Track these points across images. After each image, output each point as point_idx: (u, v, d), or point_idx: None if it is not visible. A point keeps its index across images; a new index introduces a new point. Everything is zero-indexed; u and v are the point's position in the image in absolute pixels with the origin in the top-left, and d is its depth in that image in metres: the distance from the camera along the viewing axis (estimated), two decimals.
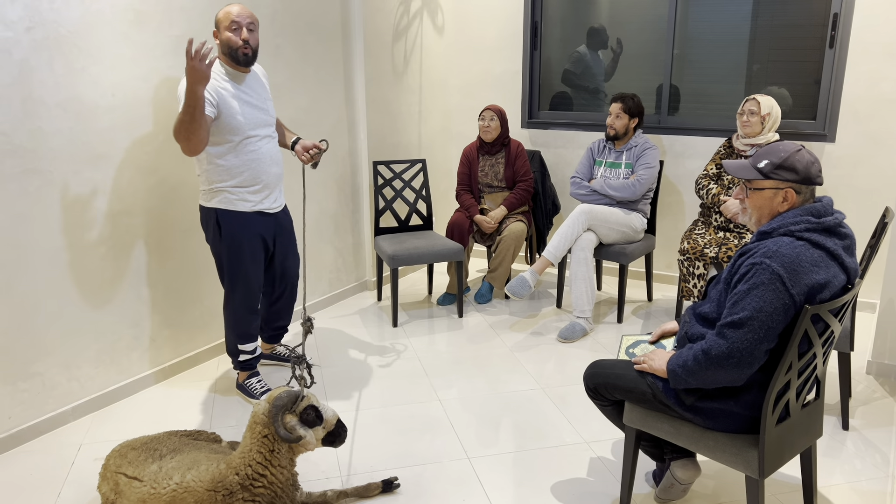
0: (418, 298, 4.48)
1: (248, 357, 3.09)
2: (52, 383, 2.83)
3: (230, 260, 2.92)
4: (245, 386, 3.12)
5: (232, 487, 2.02)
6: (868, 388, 3.19)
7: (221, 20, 2.77)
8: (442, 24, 5.01)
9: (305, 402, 2.14)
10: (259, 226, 2.94)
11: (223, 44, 2.78)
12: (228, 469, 2.05)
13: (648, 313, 4.16)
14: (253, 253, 2.94)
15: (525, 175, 4.27)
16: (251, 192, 2.88)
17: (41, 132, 2.65)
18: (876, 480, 2.48)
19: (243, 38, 2.76)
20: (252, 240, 2.92)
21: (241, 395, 3.15)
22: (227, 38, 2.76)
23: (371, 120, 4.36)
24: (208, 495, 2.01)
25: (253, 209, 2.90)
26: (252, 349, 3.09)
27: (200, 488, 2.02)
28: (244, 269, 2.94)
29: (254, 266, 2.96)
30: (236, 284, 2.95)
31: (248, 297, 2.99)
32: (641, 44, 4.58)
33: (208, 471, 2.06)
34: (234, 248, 2.90)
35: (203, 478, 2.04)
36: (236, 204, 2.87)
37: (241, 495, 2.03)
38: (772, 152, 1.93)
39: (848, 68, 3.92)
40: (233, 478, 2.03)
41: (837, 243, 1.87)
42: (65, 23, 2.68)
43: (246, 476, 2.04)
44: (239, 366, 3.10)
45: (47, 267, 2.74)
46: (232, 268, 2.93)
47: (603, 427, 2.86)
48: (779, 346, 1.85)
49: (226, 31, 2.75)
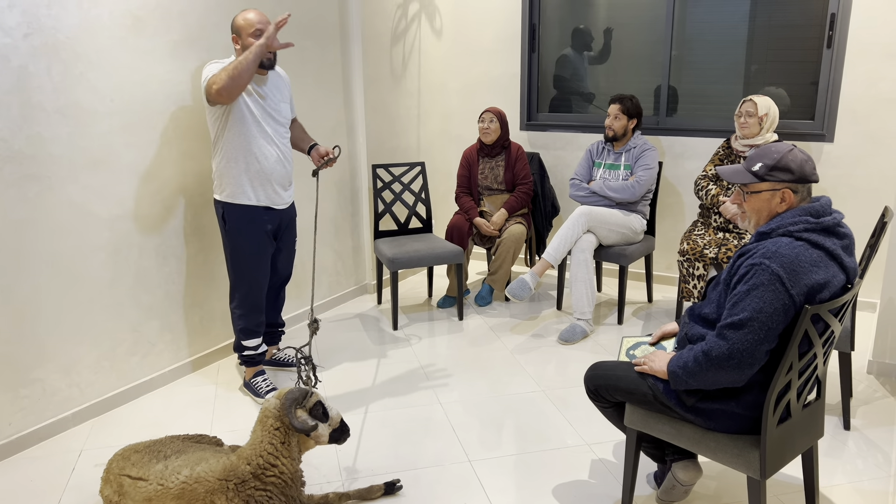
0: (418, 301, 4.47)
1: (252, 353, 3.14)
2: (53, 389, 2.82)
3: (235, 253, 2.99)
4: (251, 385, 3.15)
5: (244, 476, 2.07)
6: (869, 387, 3.19)
7: (243, 27, 2.82)
8: (440, 27, 5.01)
9: (314, 399, 2.21)
10: (265, 221, 3.01)
11: (245, 49, 2.84)
12: (240, 460, 2.10)
13: (649, 314, 4.16)
14: (258, 248, 3.01)
15: (525, 178, 4.27)
16: (257, 187, 2.95)
17: (40, 138, 2.66)
18: (878, 480, 2.48)
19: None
20: (257, 234, 2.99)
21: (246, 393, 3.18)
22: (251, 44, 2.81)
23: (370, 123, 4.37)
24: (220, 484, 2.05)
25: (259, 204, 2.97)
26: (255, 346, 3.13)
27: (212, 478, 2.06)
28: (248, 264, 3.00)
29: (258, 262, 3.01)
30: (240, 279, 3.02)
31: (251, 293, 3.04)
32: (639, 45, 4.58)
33: (219, 462, 2.11)
34: (239, 242, 2.98)
35: (214, 468, 2.08)
36: (240, 197, 2.94)
37: (253, 484, 2.07)
38: (765, 154, 1.94)
39: (846, 68, 3.92)
40: (244, 468, 2.08)
41: (836, 243, 1.87)
42: (63, 29, 2.68)
43: (258, 466, 2.08)
44: (242, 360, 3.16)
45: (47, 273, 2.74)
46: (236, 262, 3.00)
47: (604, 429, 2.86)
48: (779, 346, 1.85)
49: (249, 38, 2.82)
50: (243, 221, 2.96)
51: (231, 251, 3.00)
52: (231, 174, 2.91)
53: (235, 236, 2.98)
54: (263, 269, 3.04)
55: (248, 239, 2.98)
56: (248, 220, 2.97)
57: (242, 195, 2.93)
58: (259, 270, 3.03)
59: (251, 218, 2.97)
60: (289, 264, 3.29)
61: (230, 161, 2.89)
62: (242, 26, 2.83)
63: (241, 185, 2.92)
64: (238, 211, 2.95)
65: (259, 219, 2.99)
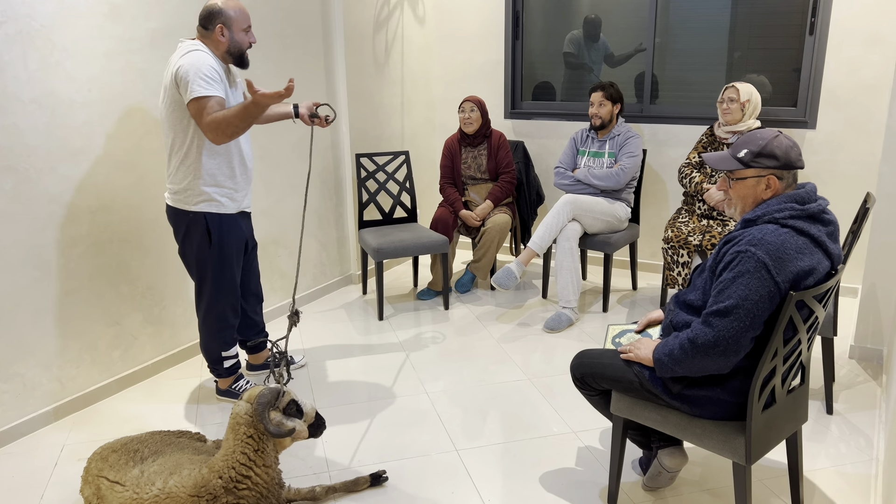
0: (404, 291, 4.46)
1: (233, 361, 3.00)
2: (33, 384, 2.79)
3: (219, 265, 2.79)
4: (233, 390, 3.02)
5: (216, 492, 1.99)
6: (851, 372, 3.22)
7: (237, 20, 2.63)
8: (423, 15, 4.97)
9: (286, 399, 2.15)
10: (243, 227, 2.86)
11: (232, 43, 2.65)
12: (211, 473, 2.01)
13: (633, 302, 4.18)
14: (238, 255, 2.85)
15: (508, 166, 4.25)
16: (238, 191, 2.79)
17: (16, 128, 2.60)
18: (861, 464, 2.50)
19: (251, 42, 2.71)
20: (238, 242, 2.83)
21: (226, 400, 3.06)
22: (240, 39, 2.67)
23: (353, 112, 4.33)
24: (192, 501, 1.98)
25: (237, 210, 2.81)
26: (234, 353, 2.99)
27: (184, 493, 1.98)
28: (231, 273, 2.83)
29: (238, 269, 2.87)
30: (224, 290, 2.83)
31: (235, 301, 2.89)
32: (623, 32, 4.57)
33: (191, 476, 2.02)
34: (225, 253, 2.78)
35: (185, 483, 2.00)
36: (226, 205, 2.74)
37: (226, 499, 2.00)
38: (750, 141, 1.93)
39: (828, 55, 3.94)
40: (216, 482, 2.00)
41: (821, 230, 1.87)
42: (38, 17, 2.62)
43: (230, 479, 2.01)
44: (226, 372, 2.99)
45: (25, 266, 2.70)
46: (219, 273, 2.80)
47: (590, 416, 2.87)
48: (764, 332, 1.86)
49: (240, 32, 2.66)
50: (228, 231, 2.76)
51: (216, 264, 2.77)
52: (213, 179, 2.68)
53: (221, 247, 2.75)
54: (239, 275, 2.90)
55: (232, 248, 2.79)
56: (231, 229, 2.78)
57: (227, 202, 2.74)
58: (237, 278, 2.87)
59: (233, 226, 2.78)
60: (258, 281, 3.13)
61: (213, 165, 2.67)
62: (236, 19, 2.62)
63: (224, 190, 2.72)
64: (223, 220, 2.74)
65: (238, 225, 2.81)
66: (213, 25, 2.63)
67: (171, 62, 2.59)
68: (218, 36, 2.63)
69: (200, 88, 2.51)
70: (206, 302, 2.84)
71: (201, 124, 2.53)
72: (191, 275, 2.85)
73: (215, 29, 2.63)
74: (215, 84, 2.55)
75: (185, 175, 2.66)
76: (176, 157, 2.67)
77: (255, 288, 3.11)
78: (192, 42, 2.62)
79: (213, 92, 2.53)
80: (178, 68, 2.53)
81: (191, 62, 2.52)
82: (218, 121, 2.50)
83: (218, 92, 2.55)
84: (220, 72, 2.61)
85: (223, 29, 2.63)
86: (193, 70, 2.51)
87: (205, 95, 2.51)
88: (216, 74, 2.57)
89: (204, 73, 2.52)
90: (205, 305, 2.85)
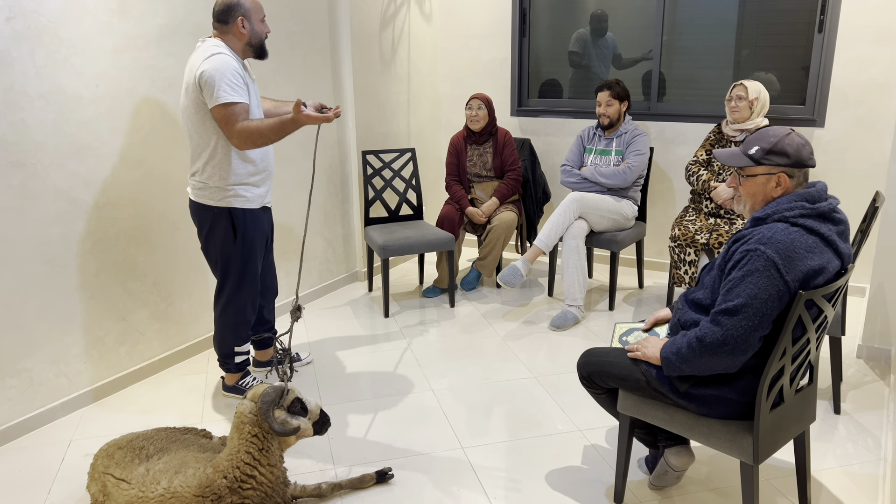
0: (409, 289, 4.46)
1: (244, 357, 3.01)
2: (41, 379, 2.79)
3: (243, 260, 2.80)
4: (240, 387, 3.03)
5: (220, 492, 1.99)
6: (859, 371, 3.21)
7: (254, 10, 2.66)
8: (430, 12, 4.96)
9: (291, 396, 2.13)
10: (265, 221, 2.88)
11: (252, 34, 2.68)
12: (216, 473, 2.01)
13: (640, 300, 4.17)
14: (261, 249, 2.87)
15: (513, 164, 4.25)
16: (261, 186, 2.80)
17: (24, 124, 2.61)
18: (868, 464, 2.49)
19: (267, 32, 2.75)
20: (262, 236, 2.85)
21: (232, 397, 3.06)
22: (260, 30, 2.69)
23: (359, 109, 4.32)
24: (196, 501, 1.97)
25: (261, 205, 2.83)
26: (246, 350, 3.00)
27: (188, 494, 1.98)
28: (254, 268, 2.85)
29: (260, 263, 2.89)
30: (246, 285, 2.84)
31: (255, 297, 2.91)
32: (630, 30, 4.56)
33: (195, 475, 2.01)
34: (248, 248, 2.80)
35: (190, 483, 1.99)
36: (251, 201, 2.76)
37: (230, 499, 1.99)
38: (762, 138, 1.92)
39: (837, 53, 3.91)
40: (221, 482, 1.99)
41: (832, 229, 1.86)
42: (45, 12, 2.63)
43: (234, 479, 2.00)
44: (235, 368, 2.99)
45: (33, 261, 2.70)
46: (243, 268, 2.81)
47: (596, 415, 2.86)
48: (773, 331, 1.85)
49: (259, 22, 2.69)
50: (253, 226, 2.78)
51: (239, 259, 2.78)
52: (241, 175, 2.70)
53: (245, 242, 2.77)
54: (259, 270, 2.92)
55: (256, 243, 2.81)
56: (256, 224, 2.80)
57: (253, 197, 2.75)
58: (258, 274, 2.90)
59: (258, 220, 2.81)
60: (274, 274, 3.14)
61: (243, 161, 2.69)
62: (252, 9, 2.65)
63: (250, 186, 2.74)
64: (248, 216, 2.76)
65: (262, 220, 2.84)
66: (232, 19, 2.64)
67: (193, 64, 2.60)
68: (239, 28, 2.65)
69: (226, 95, 2.54)
70: (226, 296, 2.85)
71: (228, 130, 2.57)
72: (213, 270, 2.87)
73: (236, 21, 2.64)
74: (240, 90, 2.59)
75: (213, 173, 2.68)
76: (202, 156, 2.68)
77: (270, 281, 3.13)
78: (213, 43, 2.63)
79: (239, 98, 2.57)
80: (203, 73, 2.54)
81: (215, 66, 2.53)
82: (251, 130, 2.56)
83: (243, 98, 2.59)
84: (242, 75, 2.63)
85: (244, 21, 2.65)
86: (219, 75, 2.53)
87: (231, 102, 2.54)
88: (240, 79, 2.60)
89: (229, 78, 2.55)
90: (224, 300, 2.86)
